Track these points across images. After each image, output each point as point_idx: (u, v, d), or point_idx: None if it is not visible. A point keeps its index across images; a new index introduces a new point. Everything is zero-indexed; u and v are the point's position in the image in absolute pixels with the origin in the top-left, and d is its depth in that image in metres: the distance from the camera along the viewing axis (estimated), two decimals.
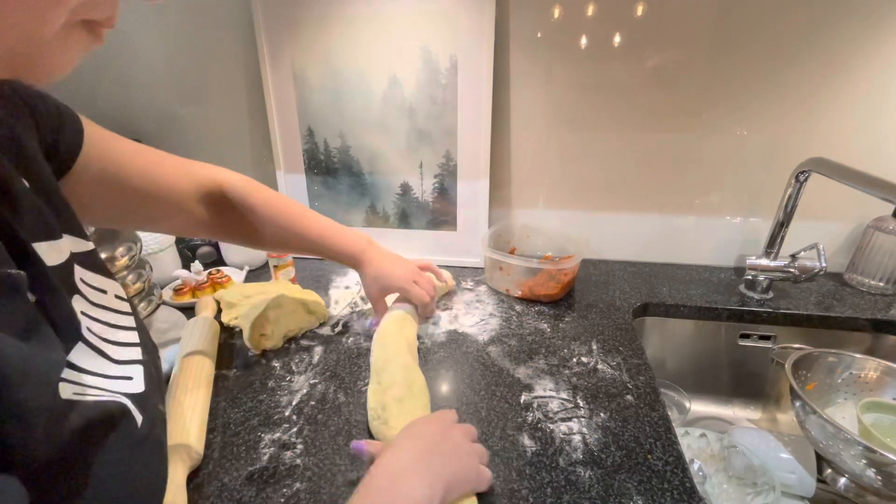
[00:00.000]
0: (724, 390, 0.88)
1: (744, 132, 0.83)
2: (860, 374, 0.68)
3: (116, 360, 0.33)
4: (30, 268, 0.28)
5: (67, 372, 0.28)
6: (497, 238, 0.91)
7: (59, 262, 0.32)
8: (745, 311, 0.80)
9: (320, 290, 0.83)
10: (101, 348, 0.32)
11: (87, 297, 0.34)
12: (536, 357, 0.67)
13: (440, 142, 0.88)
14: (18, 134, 0.34)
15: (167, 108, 0.97)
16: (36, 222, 0.31)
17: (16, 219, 0.29)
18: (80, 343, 0.31)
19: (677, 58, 0.79)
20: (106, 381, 0.31)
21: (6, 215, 0.28)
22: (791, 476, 0.63)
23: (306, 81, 0.88)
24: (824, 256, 0.75)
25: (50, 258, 0.31)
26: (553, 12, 0.79)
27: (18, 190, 0.30)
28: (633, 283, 0.88)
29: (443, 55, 0.82)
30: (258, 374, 0.64)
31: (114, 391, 0.31)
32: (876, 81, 0.76)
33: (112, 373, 0.32)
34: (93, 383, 0.30)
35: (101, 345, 0.33)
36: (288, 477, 0.48)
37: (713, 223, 0.91)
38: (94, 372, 0.31)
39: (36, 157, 0.35)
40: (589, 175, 0.91)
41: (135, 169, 0.47)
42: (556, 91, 0.85)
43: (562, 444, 0.52)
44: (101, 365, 0.32)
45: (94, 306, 0.34)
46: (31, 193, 0.32)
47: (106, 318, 0.35)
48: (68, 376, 0.28)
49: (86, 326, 0.32)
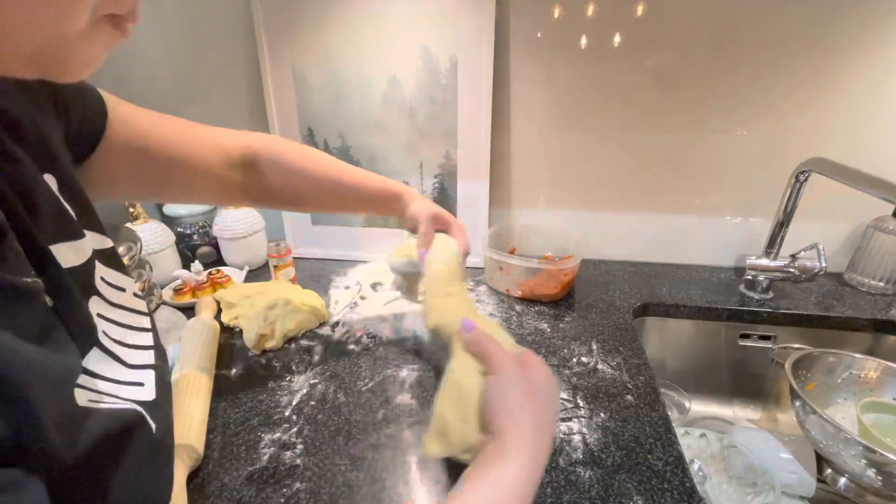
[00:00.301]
0: (724, 390, 0.88)
1: (744, 132, 0.83)
2: (860, 374, 0.68)
3: (130, 364, 0.33)
4: (48, 272, 0.28)
5: (83, 378, 0.28)
6: (497, 238, 0.91)
7: (79, 263, 0.32)
8: (745, 311, 0.80)
9: (320, 290, 0.83)
10: (115, 353, 0.32)
11: (106, 297, 0.34)
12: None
13: (440, 142, 0.88)
14: (43, 128, 0.33)
15: (167, 108, 0.96)
16: (58, 223, 0.31)
17: (36, 223, 0.29)
18: (94, 348, 0.30)
19: (677, 58, 0.79)
20: (119, 388, 0.31)
21: (26, 220, 0.28)
22: (791, 476, 0.63)
23: (306, 81, 0.88)
24: (824, 256, 0.75)
25: (70, 259, 0.31)
26: (553, 12, 0.79)
27: (41, 192, 0.30)
28: (633, 283, 0.88)
29: (443, 55, 0.82)
30: (258, 374, 0.64)
31: (126, 398, 0.31)
32: (876, 81, 0.76)
33: (125, 378, 0.32)
34: (107, 390, 0.30)
35: (116, 349, 0.33)
36: (288, 477, 0.48)
37: (713, 223, 0.91)
38: (107, 378, 0.30)
39: (61, 151, 0.34)
40: (589, 175, 0.91)
41: (161, 139, 0.46)
42: (556, 91, 0.85)
43: (562, 444, 0.52)
44: (114, 370, 0.31)
45: (111, 306, 0.34)
46: (55, 193, 0.32)
47: (123, 319, 0.35)
48: (84, 382, 0.28)
49: (102, 330, 0.32)
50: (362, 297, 0.83)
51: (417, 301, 0.66)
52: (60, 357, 0.26)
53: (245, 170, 0.55)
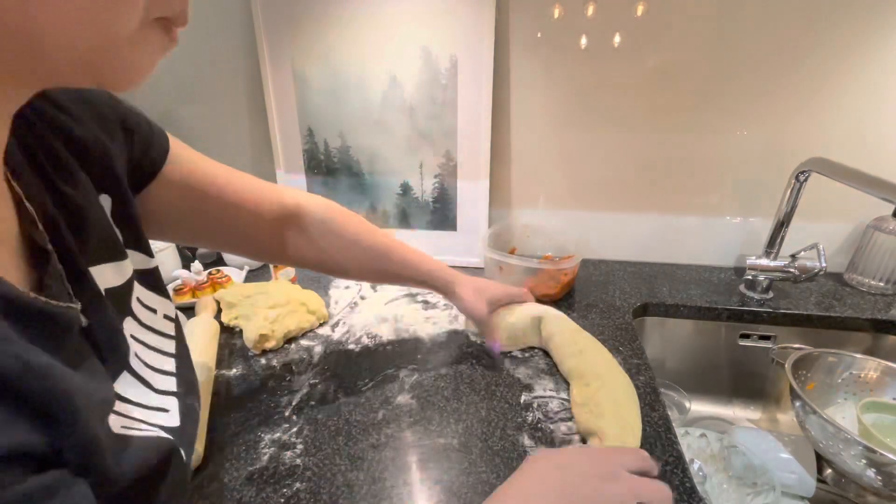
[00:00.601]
0: (724, 390, 0.88)
1: (744, 132, 0.83)
2: (860, 374, 0.68)
3: (157, 389, 0.33)
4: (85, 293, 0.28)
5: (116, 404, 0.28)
6: (497, 238, 0.91)
7: (118, 284, 0.32)
8: (745, 311, 0.80)
9: (320, 290, 0.83)
10: (144, 377, 0.32)
11: (139, 319, 0.34)
12: (536, 357, 0.67)
13: (440, 142, 0.88)
14: (109, 151, 0.34)
15: (167, 108, 0.97)
16: (103, 245, 0.32)
17: (83, 244, 0.29)
18: (125, 372, 0.30)
19: (677, 58, 0.79)
20: (147, 413, 0.31)
21: (69, 241, 0.28)
22: (791, 476, 0.63)
23: (306, 81, 0.88)
24: (824, 256, 0.75)
25: (110, 280, 0.31)
26: (553, 12, 0.79)
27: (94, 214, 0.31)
28: (633, 283, 0.88)
29: (443, 55, 0.82)
30: (258, 374, 0.64)
31: (152, 423, 0.31)
32: (876, 81, 0.76)
33: (151, 403, 0.32)
34: (137, 415, 0.30)
35: (145, 372, 0.33)
36: (288, 477, 0.48)
37: (713, 223, 0.91)
38: (137, 403, 0.30)
39: (122, 174, 0.35)
40: (589, 175, 0.91)
41: (218, 182, 0.46)
42: (556, 91, 0.85)
43: (562, 444, 0.52)
44: (142, 395, 0.31)
45: (143, 328, 0.34)
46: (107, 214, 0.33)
47: (152, 342, 0.35)
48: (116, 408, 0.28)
49: (134, 352, 0.32)
50: (362, 297, 0.83)
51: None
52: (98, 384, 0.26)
53: (294, 227, 0.55)
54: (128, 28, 0.22)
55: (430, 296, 0.83)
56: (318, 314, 0.74)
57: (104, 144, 0.33)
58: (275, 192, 0.53)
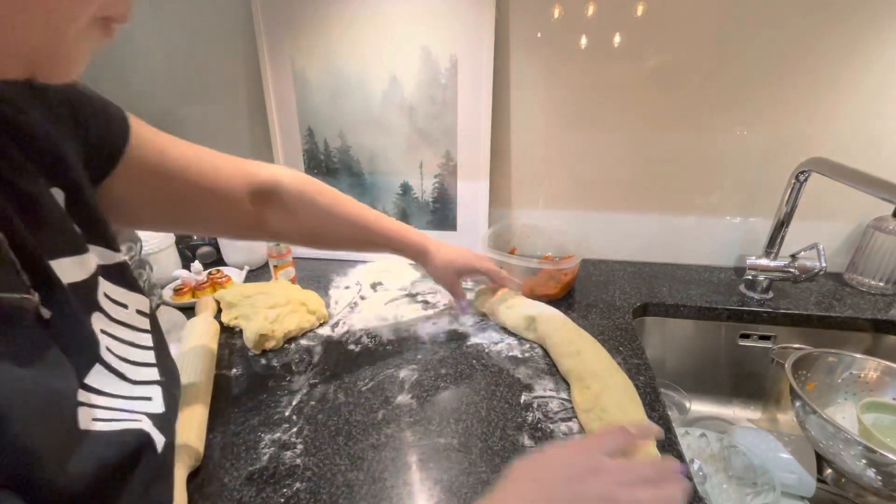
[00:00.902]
0: (724, 390, 0.88)
1: (744, 132, 0.83)
2: (860, 374, 0.68)
3: (133, 380, 0.33)
4: (47, 287, 0.28)
5: (86, 395, 0.28)
6: (497, 238, 0.91)
7: (82, 278, 0.32)
8: (745, 311, 0.80)
9: (320, 290, 0.83)
10: (118, 369, 0.32)
11: (108, 314, 0.34)
12: (536, 357, 0.67)
13: (440, 142, 0.88)
14: (57, 140, 0.32)
15: (167, 108, 0.97)
16: (61, 237, 0.31)
17: (38, 236, 0.28)
18: (97, 364, 0.30)
19: (677, 58, 0.79)
20: (126, 402, 0.31)
21: (25, 234, 0.27)
22: (791, 476, 0.63)
23: (306, 81, 0.88)
24: (824, 256, 0.75)
25: (72, 275, 0.31)
26: (553, 12, 0.79)
27: (46, 204, 0.30)
28: (633, 283, 0.88)
29: (443, 55, 0.82)
30: (258, 374, 0.64)
31: (134, 411, 0.30)
32: (876, 81, 0.76)
33: (130, 394, 0.32)
34: (113, 405, 0.29)
35: (120, 365, 0.32)
36: (288, 477, 0.48)
37: (713, 223, 0.91)
38: (111, 394, 0.30)
39: (75, 163, 0.34)
40: (589, 175, 0.91)
41: (184, 162, 0.45)
42: (556, 91, 0.85)
43: None
44: (118, 386, 0.31)
45: (113, 323, 0.34)
46: (62, 206, 0.32)
47: (125, 336, 0.34)
48: (86, 400, 0.27)
49: (105, 346, 0.31)
50: (362, 297, 0.83)
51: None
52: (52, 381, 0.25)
53: (269, 202, 0.54)
54: (76, 27, 0.22)
55: (430, 296, 0.83)
56: (318, 314, 0.74)
57: (52, 134, 0.32)
58: (249, 168, 0.53)
